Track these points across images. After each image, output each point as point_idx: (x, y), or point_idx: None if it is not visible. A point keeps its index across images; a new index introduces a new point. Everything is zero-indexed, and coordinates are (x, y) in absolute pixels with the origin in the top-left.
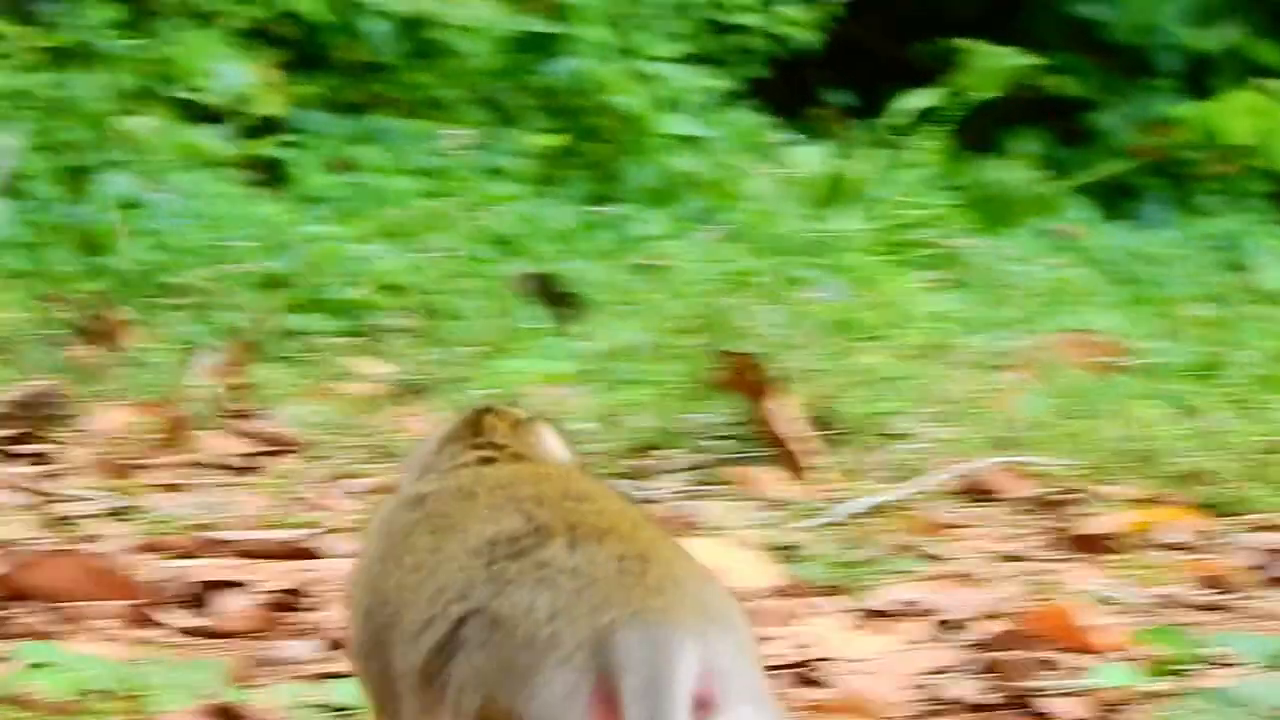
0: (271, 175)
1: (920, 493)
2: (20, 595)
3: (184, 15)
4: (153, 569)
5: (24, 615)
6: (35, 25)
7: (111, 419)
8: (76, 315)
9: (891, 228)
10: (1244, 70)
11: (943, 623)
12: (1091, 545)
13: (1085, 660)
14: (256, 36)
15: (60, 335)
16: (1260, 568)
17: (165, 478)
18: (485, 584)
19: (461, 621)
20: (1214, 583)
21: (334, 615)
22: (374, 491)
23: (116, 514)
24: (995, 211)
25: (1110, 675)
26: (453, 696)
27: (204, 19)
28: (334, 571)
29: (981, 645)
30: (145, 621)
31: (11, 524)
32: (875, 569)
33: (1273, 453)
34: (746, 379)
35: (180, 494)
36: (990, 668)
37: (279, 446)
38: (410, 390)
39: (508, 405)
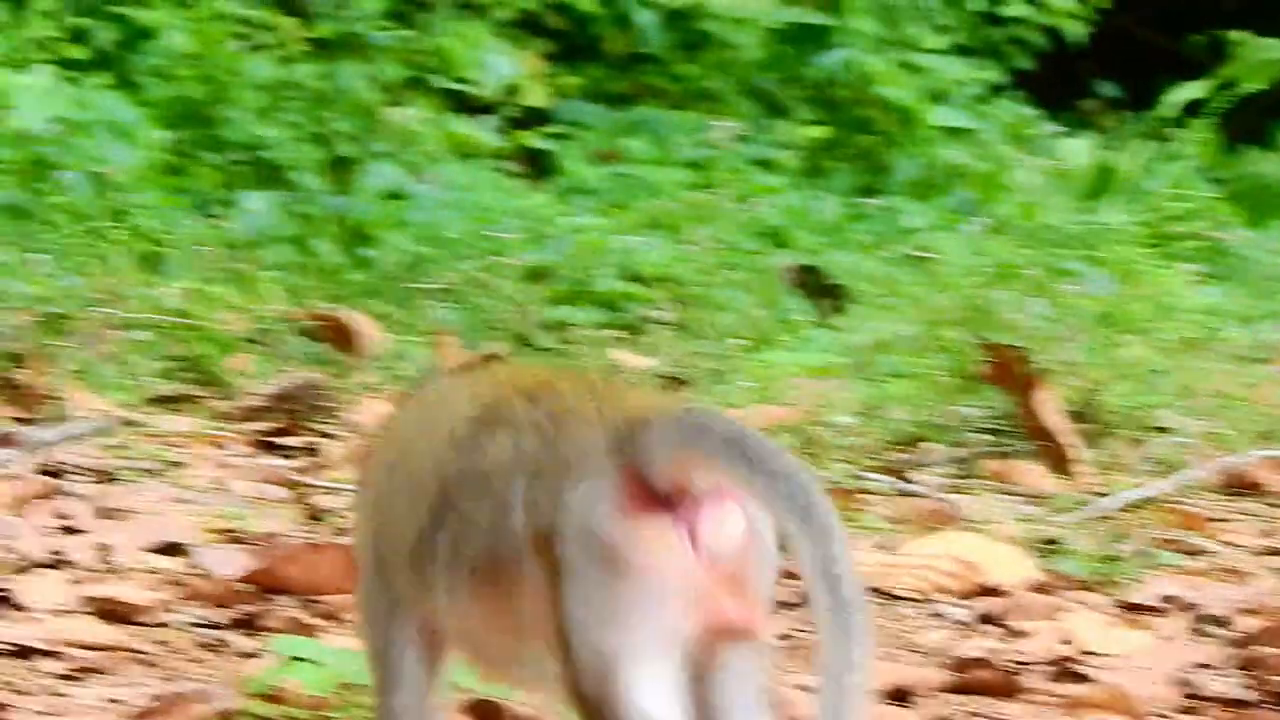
0: (537, 167)
1: (1182, 487)
2: (279, 589)
3: (453, 6)
4: None
5: (282, 609)
6: (302, 16)
7: (374, 411)
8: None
9: (1158, 220)
10: None
11: (1203, 618)
12: None
13: None
14: (525, 27)
15: (320, 328)
16: None
17: None
18: (456, 459)
19: (442, 496)
20: None
21: None
22: None
23: None
24: (1262, 204)
25: None
26: (442, 565)
27: (473, 10)
28: None
29: (1242, 641)
30: None
31: (271, 517)
32: (1136, 564)
33: None
34: (1011, 372)
35: None
36: (1250, 663)
37: None
38: (673, 382)
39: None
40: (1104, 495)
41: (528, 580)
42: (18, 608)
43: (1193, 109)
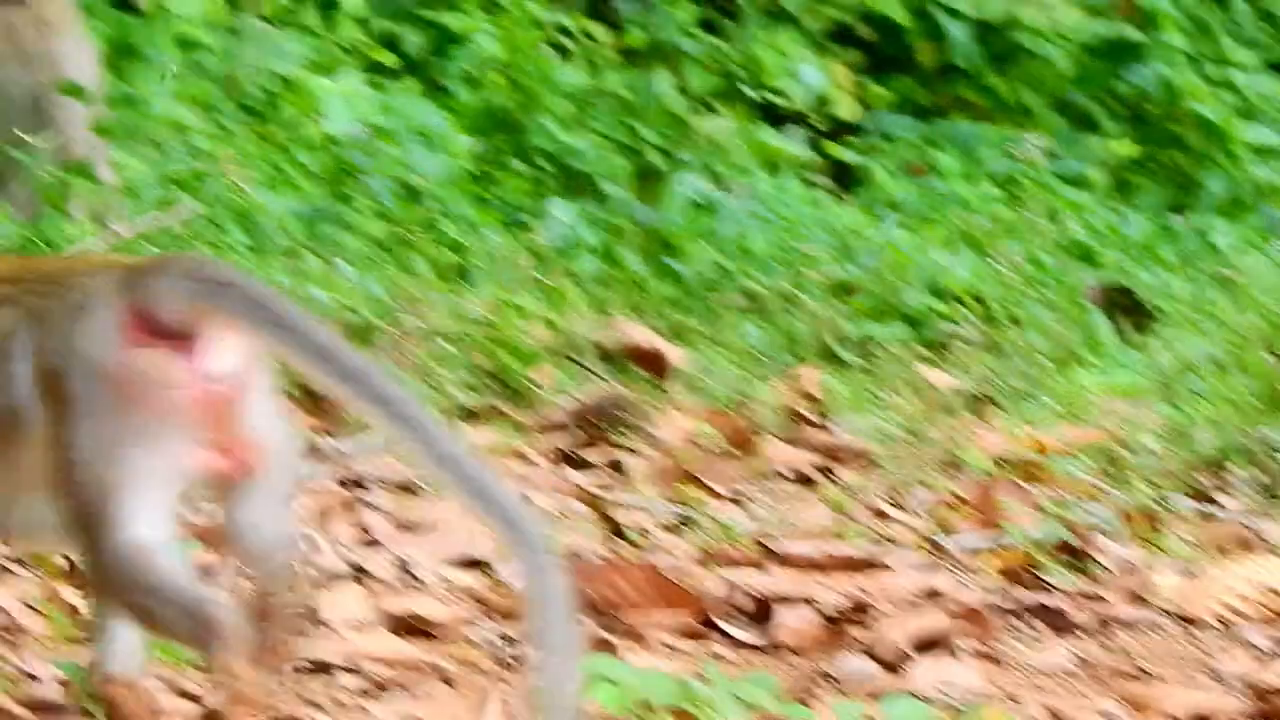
0: (845, 179)
1: None
2: (580, 605)
3: (764, 16)
4: (714, 580)
5: (582, 626)
6: (612, 24)
7: (677, 426)
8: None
9: None
10: None
11: None
12: None
13: None
14: (835, 38)
15: (624, 347)
16: None
17: (729, 487)
18: None
19: None
20: None
21: (895, 631)
22: (939, 505)
23: (680, 523)
24: None
25: None
26: None
27: (784, 20)
28: (898, 585)
29: None
30: (706, 634)
31: (576, 532)
32: None
33: None
34: None
35: (744, 504)
36: None
37: (844, 456)
38: (978, 400)
39: None
40: None
41: (33, 426)
42: (319, 623)
43: None
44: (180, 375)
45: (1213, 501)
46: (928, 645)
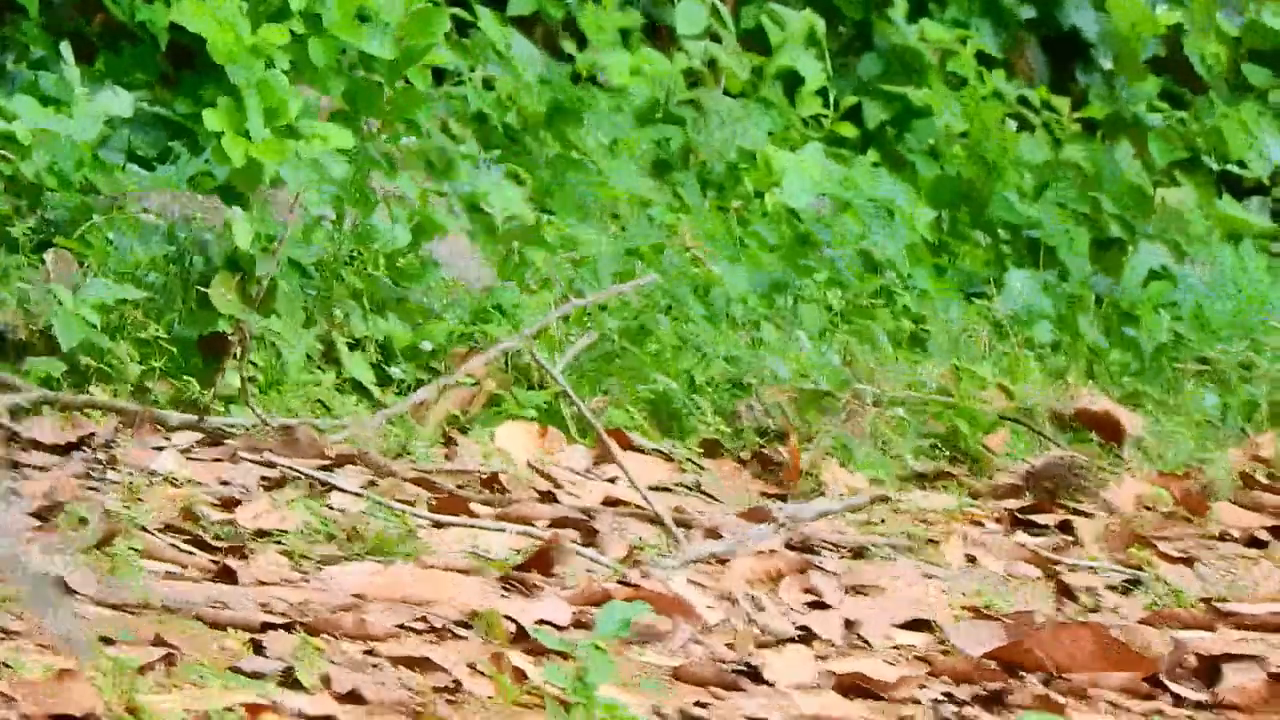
0: None
1: None
2: (1027, 666)
3: (1228, 89)
4: (1162, 641)
5: (1030, 687)
6: (1074, 97)
7: (1129, 490)
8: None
9: None
10: None
11: None
12: None
13: None
14: None
15: (1078, 413)
16: None
17: (1179, 549)
18: None
19: None
20: None
21: None
22: None
23: (1129, 585)
24: None
25: None
26: None
27: (1248, 93)
28: None
29: None
30: (1153, 694)
31: (1022, 594)
32: None
33: None
34: None
35: (1193, 566)
36: None
37: None
38: None
39: None
40: None
41: None
42: (764, 682)
43: None
44: None
45: None
46: None
